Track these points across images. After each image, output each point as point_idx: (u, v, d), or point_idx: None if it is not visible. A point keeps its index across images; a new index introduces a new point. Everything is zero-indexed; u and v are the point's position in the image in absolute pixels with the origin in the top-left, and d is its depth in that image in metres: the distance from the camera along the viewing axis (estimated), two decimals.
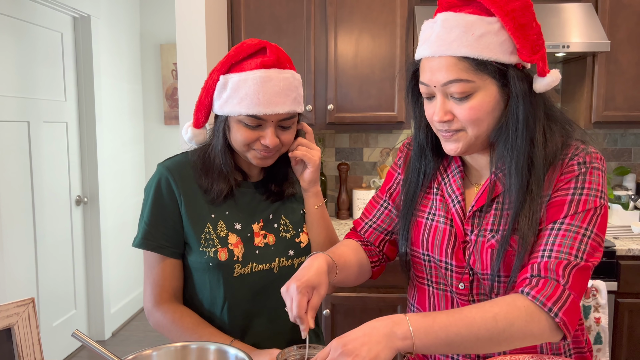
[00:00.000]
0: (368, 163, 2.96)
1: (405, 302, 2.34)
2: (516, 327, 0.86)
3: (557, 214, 0.95)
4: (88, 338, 0.92)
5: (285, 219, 1.26)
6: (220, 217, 1.19)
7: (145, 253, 1.20)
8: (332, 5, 2.54)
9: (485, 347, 0.87)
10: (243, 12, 2.60)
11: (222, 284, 1.17)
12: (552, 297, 0.87)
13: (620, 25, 2.45)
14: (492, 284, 1.00)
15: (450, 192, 1.08)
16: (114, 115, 3.80)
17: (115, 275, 3.84)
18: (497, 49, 0.92)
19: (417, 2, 2.55)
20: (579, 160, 0.97)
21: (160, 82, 4.20)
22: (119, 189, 3.88)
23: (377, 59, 2.56)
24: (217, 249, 1.16)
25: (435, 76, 0.95)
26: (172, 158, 1.23)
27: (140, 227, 1.19)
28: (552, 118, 1.00)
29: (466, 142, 0.98)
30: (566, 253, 0.90)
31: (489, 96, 0.94)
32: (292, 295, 0.93)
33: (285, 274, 1.21)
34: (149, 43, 4.18)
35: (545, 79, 0.95)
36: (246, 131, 1.12)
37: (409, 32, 2.54)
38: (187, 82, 2.35)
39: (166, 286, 1.19)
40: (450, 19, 0.94)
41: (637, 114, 2.49)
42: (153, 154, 4.26)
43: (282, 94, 1.10)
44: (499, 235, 0.98)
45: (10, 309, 0.66)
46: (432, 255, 1.08)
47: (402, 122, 2.58)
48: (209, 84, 1.15)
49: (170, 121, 4.20)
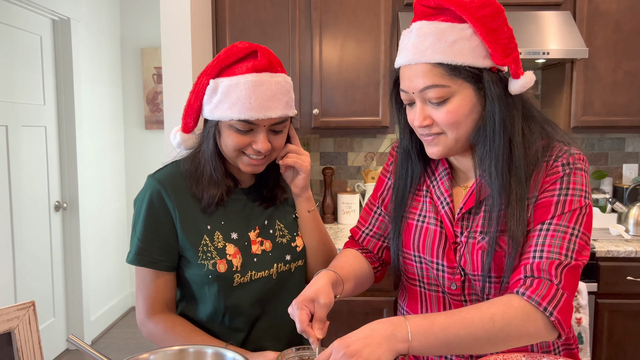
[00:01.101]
0: (352, 167, 2.97)
1: (391, 305, 2.35)
2: (513, 327, 0.87)
3: (545, 214, 0.97)
4: (83, 343, 0.91)
5: (280, 224, 1.25)
6: (216, 227, 1.16)
7: (137, 268, 1.17)
8: (317, 10, 2.56)
9: (483, 347, 0.88)
10: (228, 16, 2.59)
11: (222, 294, 1.15)
12: (547, 296, 0.89)
13: (597, 33, 2.52)
14: (484, 285, 1.02)
15: (439, 194, 1.10)
16: (94, 120, 3.75)
17: (95, 282, 3.77)
18: (469, 54, 0.95)
19: (401, 9, 2.58)
20: (563, 162, 0.99)
21: (141, 86, 4.16)
22: (99, 194, 3.82)
23: (362, 64, 2.58)
24: (216, 260, 1.14)
25: (413, 83, 0.98)
26: (162, 169, 1.19)
27: (133, 243, 1.15)
28: (531, 119, 1.02)
29: (446, 145, 1.01)
30: (557, 253, 0.92)
31: (465, 100, 0.97)
32: (292, 312, 0.95)
33: (284, 279, 1.22)
34: (130, 47, 4.14)
35: (519, 80, 0.98)
36: (237, 136, 1.10)
37: (393, 38, 2.57)
38: (172, 87, 2.34)
39: (159, 298, 1.17)
40: (424, 27, 0.97)
41: (613, 119, 2.56)
42: (134, 159, 4.21)
43: (274, 98, 1.09)
44: (488, 237, 0.99)
45: (10, 313, 0.65)
46: (423, 257, 1.10)
47: (386, 127, 2.60)
48: (198, 88, 1.13)
49: (151, 126, 4.16)
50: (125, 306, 4.25)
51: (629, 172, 2.92)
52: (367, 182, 2.81)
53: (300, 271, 1.26)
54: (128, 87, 4.17)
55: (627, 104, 2.55)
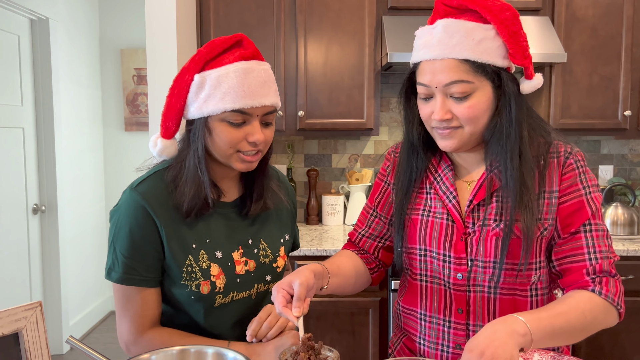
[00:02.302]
0: (337, 169, 2.99)
1: (377, 305, 2.37)
2: (599, 320, 1.01)
3: (583, 215, 1.06)
4: (83, 344, 0.91)
5: (264, 243, 1.20)
6: (201, 246, 1.11)
7: (122, 286, 1.09)
8: (302, 13, 2.58)
9: (575, 337, 0.99)
10: (212, 18, 2.59)
11: (203, 314, 1.12)
12: (617, 293, 1.03)
13: (574, 38, 2.60)
14: (494, 272, 1.06)
15: (444, 189, 1.13)
16: (72, 121, 3.69)
17: (74, 287, 3.71)
18: (493, 53, 1.01)
19: (385, 12, 2.61)
20: (576, 159, 1.08)
21: (121, 87, 4.11)
22: (77, 197, 3.76)
23: (346, 67, 2.60)
24: (200, 282, 1.09)
25: (437, 77, 1.01)
26: (144, 182, 1.10)
27: (119, 261, 1.07)
28: (533, 117, 1.09)
29: (461, 139, 1.05)
30: (606, 252, 1.05)
31: (485, 96, 1.02)
32: (272, 296, 0.97)
33: (261, 299, 1.20)
34: (109, 47, 4.09)
35: (532, 81, 1.06)
36: (231, 130, 1.05)
37: (377, 41, 2.60)
38: (157, 89, 2.32)
39: (149, 315, 1.11)
40: (452, 25, 1.01)
41: (590, 122, 2.64)
42: (113, 161, 4.15)
43: (265, 85, 1.06)
44: (502, 225, 1.05)
45: (18, 313, 0.65)
46: (429, 249, 1.13)
47: (370, 129, 2.63)
48: (180, 87, 1.06)
49: (131, 127, 4.11)
50: (104, 310, 4.19)
51: (605, 173, 3.01)
52: (352, 184, 2.83)
53: None
54: (107, 89, 4.12)
55: (602, 107, 2.63)
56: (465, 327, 1.10)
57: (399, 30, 2.53)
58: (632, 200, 2.67)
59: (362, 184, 2.82)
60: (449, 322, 1.12)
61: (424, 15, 2.60)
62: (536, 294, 1.09)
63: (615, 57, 2.61)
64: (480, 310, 1.09)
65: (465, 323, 1.10)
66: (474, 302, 1.09)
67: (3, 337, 0.63)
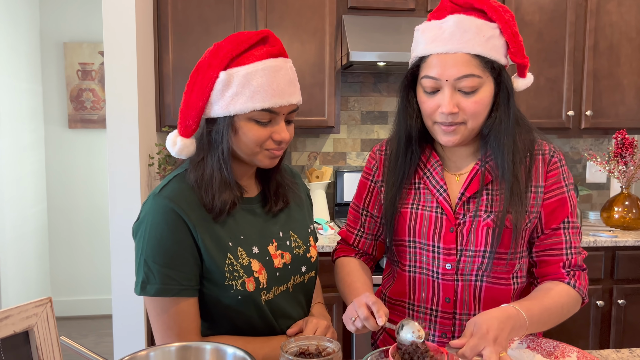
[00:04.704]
0: (296, 167, 2.99)
1: (340, 300, 2.39)
2: (570, 311, 1.11)
3: (564, 211, 1.13)
4: (76, 343, 0.87)
5: (294, 235, 1.18)
6: (238, 243, 1.07)
7: (158, 301, 1.01)
8: (263, 10, 2.56)
9: (551, 325, 1.08)
10: (170, 12, 2.53)
11: (248, 315, 1.08)
12: (586, 286, 1.13)
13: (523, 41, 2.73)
14: (483, 261, 1.11)
15: (434, 183, 1.17)
16: (11, 118, 3.48)
17: (15, 291, 3.50)
18: (499, 51, 1.06)
19: (345, 11, 2.65)
20: (559, 157, 1.16)
21: (64, 82, 3.92)
22: (17, 197, 3.55)
23: (307, 65, 2.61)
24: (244, 279, 1.05)
25: (448, 71, 1.04)
26: (167, 186, 1.05)
27: (154, 272, 1.00)
28: (521, 114, 1.14)
29: (463, 135, 1.09)
30: (579, 247, 1.15)
31: (489, 92, 1.06)
32: (352, 310, 1.02)
33: (297, 291, 1.18)
34: (50, 41, 3.89)
35: (525, 79, 1.13)
36: (259, 129, 1.02)
37: (338, 40, 2.63)
38: (115, 85, 2.24)
39: (195, 328, 1.04)
40: (465, 21, 1.04)
41: (537, 121, 2.78)
42: (56, 160, 3.95)
43: (292, 83, 1.04)
44: (493, 216, 1.10)
45: (29, 310, 0.61)
46: (418, 241, 1.16)
47: (332, 127, 2.65)
48: (202, 84, 1.01)
49: (76, 125, 3.93)
50: None
51: None
52: (312, 182, 2.85)
53: (312, 282, 1.23)
54: (49, 84, 3.91)
55: (548, 107, 2.79)
56: (452, 316, 1.14)
57: (359, 29, 2.57)
58: None
59: (322, 182, 2.84)
60: (436, 312, 1.15)
61: (383, 15, 2.66)
62: (517, 282, 1.15)
63: (560, 60, 2.77)
64: (467, 299, 1.13)
65: (453, 312, 1.14)
66: (462, 291, 1.13)
67: (14, 336, 0.59)
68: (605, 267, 2.52)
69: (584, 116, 2.80)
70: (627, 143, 2.64)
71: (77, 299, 4.08)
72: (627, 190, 2.72)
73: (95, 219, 4.01)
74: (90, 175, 3.98)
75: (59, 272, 4.05)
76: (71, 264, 4.05)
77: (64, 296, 4.07)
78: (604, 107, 2.82)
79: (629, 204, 2.70)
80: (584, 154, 3.17)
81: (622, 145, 2.66)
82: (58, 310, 4.07)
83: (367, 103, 3.02)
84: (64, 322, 3.98)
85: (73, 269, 4.06)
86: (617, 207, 2.71)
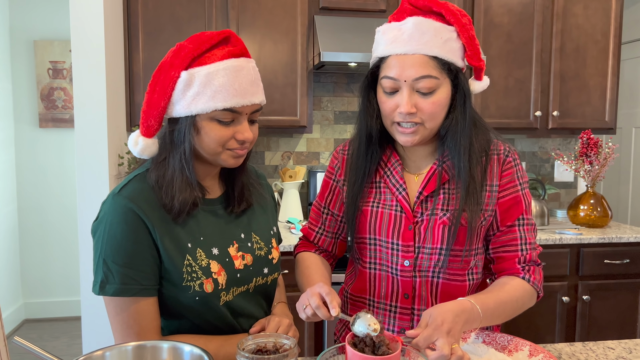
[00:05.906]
0: (270, 166, 3.00)
1: None
2: (525, 305, 1.14)
3: (519, 209, 1.16)
4: (29, 343, 0.86)
5: (256, 237, 1.19)
6: (197, 244, 1.07)
7: (118, 300, 1.01)
8: (235, 9, 2.56)
9: (507, 318, 1.10)
10: (141, 10, 2.51)
11: (206, 314, 1.08)
12: (540, 280, 1.16)
13: (492, 43, 2.79)
14: (439, 257, 1.14)
15: (394, 182, 1.19)
16: None
17: None
18: (456, 53, 1.08)
19: (316, 12, 2.66)
20: (514, 157, 1.18)
21: (34, 81, 3.86)
22: None
23: (280, 65, 2.62)
24: (202, 280, 1.05)
25: (407, 71, 1.06)
26: (127, 186, 1.05)
27: (113, 272, 1.00)
28: (477, 115, 1.17)
29: (422, 135, 1.11)
30: (534, 243, 1.18)
31: (445, 93, 1.09)
32: (304, 299, 1.02)
33: (258, 292, 1.19)
34: (21, 38, 3.82)
35: (481, 82, 1.16)
36: (221, 129, 1.03)
37: (310, 40, 2.65)
38: (84, 83, 2.22)
39: (155, 327, 1.04)
40: (423, 23, 1.07)
41: (506, 121, 2.84)
42: (26, 160, 3.88)
43: (254, 83, 1.05)
44: (449, 214, 1.12)
45: None
46: (378, 238, 1.19)
47: (304, 127, 2.66)
48: (164, 83, 1.01)
49: (47, 124, 3.87)
50: (17, 319, 3.91)
51: None
52: (285, 181, 2.85)
53: (274, 283, 1.24)
54: (19, 82, 3.84)
55: (517, 107, 2.85)
56: (411, 312, 1.17)
57: (330, 30, 2.59)
58: (542, 194, 2.91)
59: (295, 181, 2.85)
60: (395, 307, 1.18)
61: (354, 16, 2.68)
62: (472, 278, 1.18)
63: (528, 62, 2.83)
64: (425, 295, 1.16)
65: (411, 308, 1.17)
66: (420, 287, 1.16)
67: None
68: (571, 264, 2.59)
69: (551, 116, 2.86)
70: (592, 143, 2.71)
71: (49, 300, 4.02)
72: (592, 189, 2.79)
73: (66, 219, 3.95)
74: (61, 175, 3.92)
75: (30, 274, 3.99)
76: (42, 265, 3.99)
77: (36, 298, 4.00)
78: (571, 107, 2.88)
79: (594, 202, 2.77)
80: (551, 154, 3.24)
81: (588, 145, 2.72)
82: (30, 313, 4.01)
83: (340, 103, 3.05)
84: (36, 324, 3.92)
85: (44, 270, 4.00)
86: (583, 206, 2.78)
